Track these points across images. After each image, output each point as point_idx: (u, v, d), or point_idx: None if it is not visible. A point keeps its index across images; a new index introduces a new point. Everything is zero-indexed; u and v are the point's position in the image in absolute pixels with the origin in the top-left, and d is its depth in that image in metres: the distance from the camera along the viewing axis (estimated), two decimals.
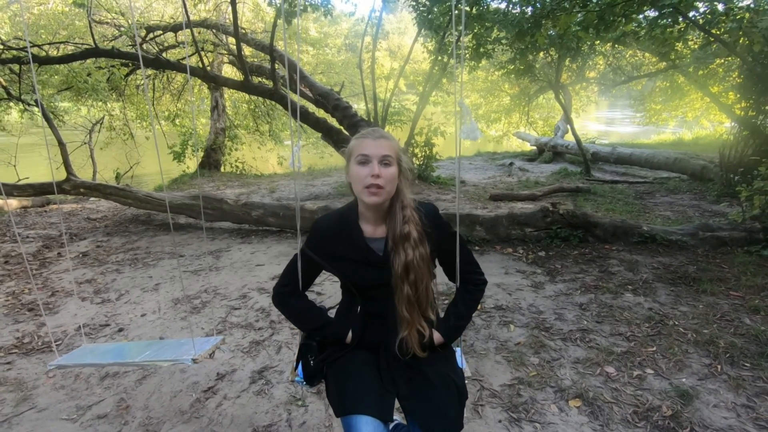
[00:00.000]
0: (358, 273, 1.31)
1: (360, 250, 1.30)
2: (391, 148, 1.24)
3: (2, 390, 2.24)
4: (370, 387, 1.25)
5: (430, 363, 1.31)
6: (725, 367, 2.25)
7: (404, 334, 1.28)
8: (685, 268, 3.54)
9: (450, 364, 1.35)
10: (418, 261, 1.25)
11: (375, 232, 1.32)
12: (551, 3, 5.09)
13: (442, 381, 1.26)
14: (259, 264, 3.95)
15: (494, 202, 6.24)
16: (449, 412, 1.21)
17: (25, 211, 6.24)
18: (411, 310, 1.27)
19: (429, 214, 1.32)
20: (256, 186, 7.95)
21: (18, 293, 3.47)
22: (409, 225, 1.26)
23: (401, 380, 1.28)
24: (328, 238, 1.32)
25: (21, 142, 8.07)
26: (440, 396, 1.23)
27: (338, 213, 1.36)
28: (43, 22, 8.47)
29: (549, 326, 2.73)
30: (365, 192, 1.22)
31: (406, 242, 1.25)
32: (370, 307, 1.34)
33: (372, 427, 1.15)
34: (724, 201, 5.60)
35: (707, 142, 11.85)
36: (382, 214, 1.30)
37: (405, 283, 1.25)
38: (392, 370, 1.30)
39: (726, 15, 4.69)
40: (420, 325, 1.29)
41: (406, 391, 1.26)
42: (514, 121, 14.21)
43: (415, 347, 1.28)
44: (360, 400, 1.20)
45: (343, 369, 1.32)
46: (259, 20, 10.71)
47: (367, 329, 1.35)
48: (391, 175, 1.23)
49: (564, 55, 7.86)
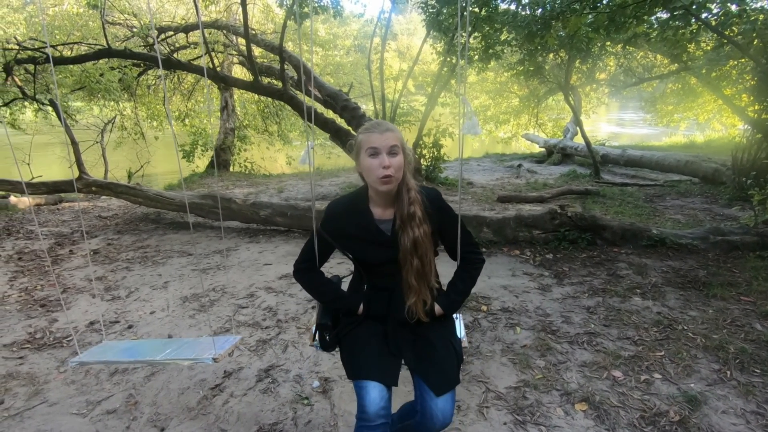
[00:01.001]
0: (368, 252, 1.46)
1: (370, 231, 1.45)
2: (397, 138, 1.39)
3: (15, 384, 2.29)
4: (377, 355, 1.43)
5: (433, 329, 1.48)
6: (735, 372, 2.22)
7: (411, 301, 1.44)
8: (695, 272, 3.50)
9: (449, 330, 1.53)
10: (423, 237, 1.41)
11: (384, 215, 1.47)
12: (561, 4, 5.06)
13: (443, 344, 1.45)
14: (266, 263, 3.98)
15: (502, 203, 6.22)
16: (448, 370, 1.40)
17: (38, 209, 6.35)
18: (419, 280, 1.43)
19: (431, 197, 1.47)
20: (265, 186, 8.01)
21: (31, 289, 3.53)
22: (414, 205, 1.41)
23: (406, 346, 1.46)
24: (340, 219, 1.48)
25: (34, 141, 8.19)
26: (441, 356, 1.42)
27: (350, 197, 1.52)
28: (58, 23, 8.60)
29: (556, 329, 2.72)
30: (379, 182, 1.37)
31: (413, 221, 1.40)
32: (378, 282, 1.50)
33: (377, 390, 1.35)
34: (736, 205, 5.52)
35: (720, 144, 11.68)
36: (390, 197, 1.45)
37: (414, 257, 1.41)
38: (398, 338, 1.47)
39: (739, 16, 4.63)
40: (425, 293, 1.45)
41: (411, 354, 1.45)
42: (523, 123, 14.11)
43: (420, 312, 1.45)
44: (368, 366, 1.39)
45: (354, 339, 1.49)
46: (269, 21, 10.78)
47: (375, 302, 1.51)
48: (399, 163, 1.38)
49: (574, 56, 7.80)
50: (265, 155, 12.01)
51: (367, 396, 1.34)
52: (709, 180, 7.10)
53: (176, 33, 8.78)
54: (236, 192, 7.22)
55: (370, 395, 1.34)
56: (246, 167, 11.06)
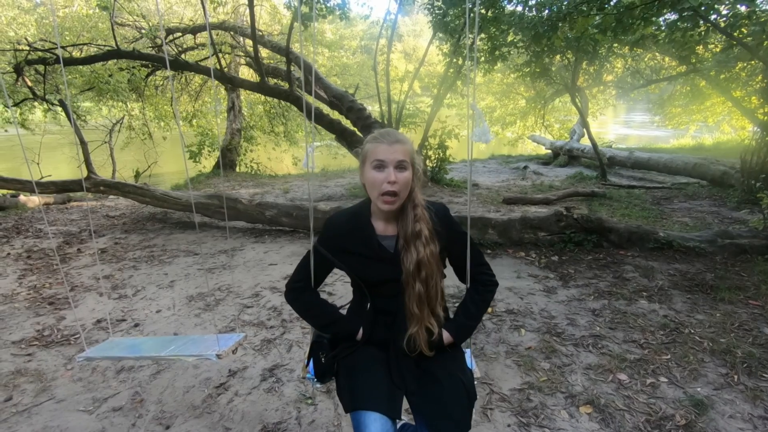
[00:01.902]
0: (368, 269, 1.33)
1: (371, 247, 1.33)
2: (406, 152, 1.26)
3: (23, 380, 2.31)
4: (379, 384, 1.26)
5: (439, 362, 1.32)
6: (742, 377, 2.20)
7: (413, 330, 1.29)
8: (703, 275, 3.47)
9: (459, 364, 1.35)
10: (429, 258, 1.27)
11: (386, 230, 1.35)
12: (568, 6, 5.04)
13: (451, 381, 1.26)
14: (272, 263, 4.00)
15: (507, 205, 6.20)
16: (455, 413, 1.21)
17: (47, 208, 6.42)
18: (421, 307, 1.29)
19: (439, 213, 1.34)
20: (270, 186, 8.04)
21: (39, 287, 3.57)
22: (421, 223, 1.29)
23: (410, 376, 1.30)
24: (340, 234, 1.35)
25: (45, 141, 8.28)
26: (448, 396, 1.23)
27: (351, 210, 1.39)
28: (68, 25, 8.70)
29: (561, 331, 2.71)
30: (380, 199, 1.26)
31: (418, 240, 1.28)
32: (380, 304, 1.36)
33: (380, 423, 1.16)
34: (744, 208, 5.46)
35: (728, 147, 11.57)
36: (394, 213, 1.32)
37: (416, 281, 1.28)
38: (401, 367, 1.31)
39: (749, 18, 4.58)
40: (429, 322, 1.30)
41: (415, 387, 1.28)
42: (529, 125, 14.06)
43: (422, 345, 1.29)
44: (369, 396, 1.22)
45: (353, 365, 1.33)
46: (275, 23, 10.83)
47: (376, 326, 1.37)
48: (406, 179, 1.26)
49: (581, 58, 7.77)
50: (272, 156, 12.08)
51: (367, 431, 1.16)
52: (717, 183, 7.04)
53: (184, 34, 8.86)
54: (242, 192, 7.26)
55: (370, 430, 1.15)
56: (252, 168, 11.11)
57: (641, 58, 11.06)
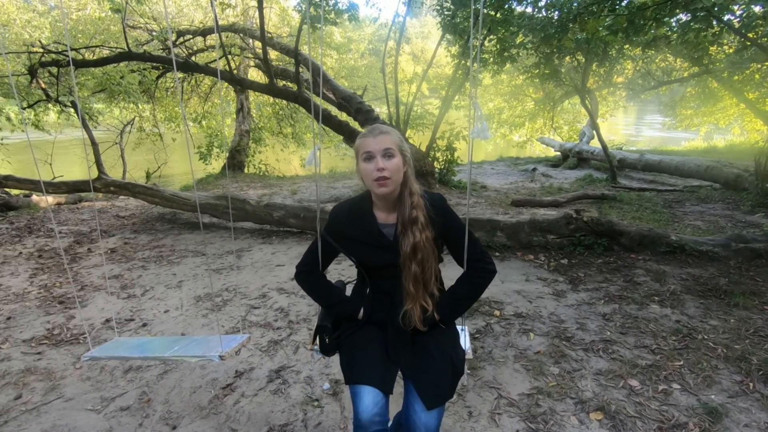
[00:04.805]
0: (369, 255, 1.45)
1: (372, 235, 1.44)
2: (392, 141, 1.37)
3: (32, 379, 2.33)
4: (375, 361, 1.40)
5: (434, 339, 1.44)
6: (758, 384, 2.15)
7: (408, 307, 1.41)
8: (716, 280, 3.40)
9: (452, 342, 1.47)
10: (425, 242, 1.38)
11: (387, 219, 1.46)
12: (578, 6, 5.00)
13: (441, 355, 1.39)
14: (279, 264, 4.00)
15: (516, 207, 6.15)
16: (442, 382, 1.35)
17: (59, 208, 6.50)
18: (417, 286, 1.40)
19: (435, 202, 1.44)
20: (278, 187, 8.07)
21: (50, 286, 3.61)
22: (417, 210, 1.39)
23: (405, 351, 1.43)
24: (343, 222, 1.47)
25: (57, 141, 8.40)
26: (437, 367, 1.37)
27: (354, 201, 1.50)
28: (81, 27, 8.83)
29: (570, 336, 2.67)
30: (375, 185, 1.36)
31: (414, 226, 1.38)
32: (380, 286, 1.48)
33: (373, 395, 1.31)
34: (759, 211, 5.37)
35: (742, 149, 11.39)
36: (393, 202, 1.43)
37: (413, 262, 1.39)
38: (398, 343, 1.44)
39: (763, 18, 4.51)
40: (424, 300, 1.42)
41: (408, 360, 1.42)
42: (538, 127, 13.97)
43: (416, 321, 1.41)
44: (365, 371, 1.36)
45: (354, 343, 1.47)
46: (284, 24, 10.89)
47: (376, 306, 1.49)
48: (395, 165, 1.36)
49: (591, 59, 7.70)
50: (280, 157, 12.13)
51: (361, 402, 1.31)
52: (730, 186, 6.92)
53: (194, 36, 8.94)
54: (250, 193, 7.29)
55: (363, 401, 1.30)
56: (260, 169, 11.16)
57: (652, 59, 10.95)
